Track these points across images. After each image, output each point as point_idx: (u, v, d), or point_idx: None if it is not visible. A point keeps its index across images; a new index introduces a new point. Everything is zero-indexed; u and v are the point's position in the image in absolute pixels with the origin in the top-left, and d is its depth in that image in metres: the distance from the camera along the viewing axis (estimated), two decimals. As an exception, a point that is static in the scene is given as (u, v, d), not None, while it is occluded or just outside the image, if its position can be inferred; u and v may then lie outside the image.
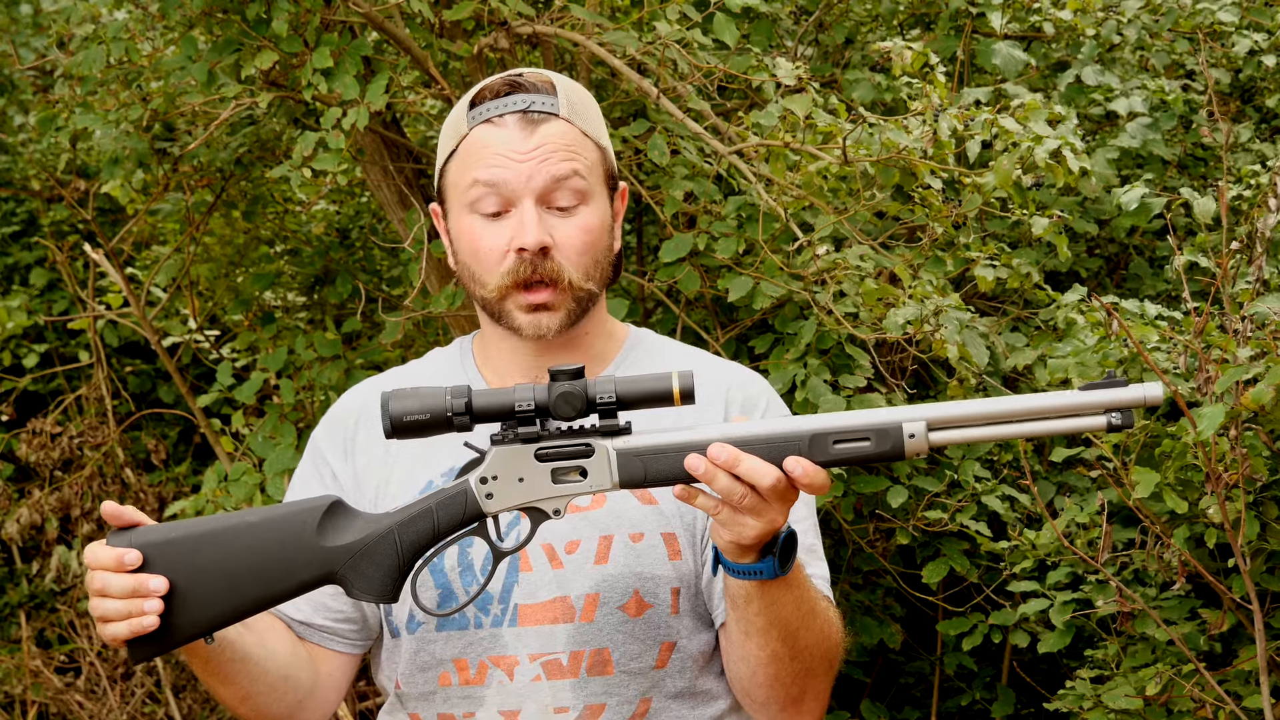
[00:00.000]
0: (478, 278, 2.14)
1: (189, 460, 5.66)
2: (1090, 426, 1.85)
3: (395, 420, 1.93)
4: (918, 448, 1.88)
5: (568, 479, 1.94)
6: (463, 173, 2.14)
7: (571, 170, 2.11)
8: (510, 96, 2.13)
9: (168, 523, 2.00)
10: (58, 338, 5.89)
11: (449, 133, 2.18)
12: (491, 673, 2.10)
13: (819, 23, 4.50)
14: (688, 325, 4.13)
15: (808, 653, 2.07)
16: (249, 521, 1.99)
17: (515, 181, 2.10)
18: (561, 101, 2.14)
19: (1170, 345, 3.58)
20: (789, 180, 3.70)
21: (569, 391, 1.91)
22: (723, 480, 1.88)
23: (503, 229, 2.11)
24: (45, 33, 5.41)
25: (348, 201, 5.33)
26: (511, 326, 2.14)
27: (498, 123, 2.12)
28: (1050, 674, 4.53)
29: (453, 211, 2.17)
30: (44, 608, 5.65)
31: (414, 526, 1.97)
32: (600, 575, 2.10)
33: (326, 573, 1.98)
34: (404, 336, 4.37)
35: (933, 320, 3.62)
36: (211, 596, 1.96)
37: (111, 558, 1.95)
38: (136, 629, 1.94)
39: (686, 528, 2.13)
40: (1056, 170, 3.66)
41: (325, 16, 3.84)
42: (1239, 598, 3.62)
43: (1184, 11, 4.50)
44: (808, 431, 1.89)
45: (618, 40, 3.80)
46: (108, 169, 4.42)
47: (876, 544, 4.20)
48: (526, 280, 2.11)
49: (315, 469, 2.23)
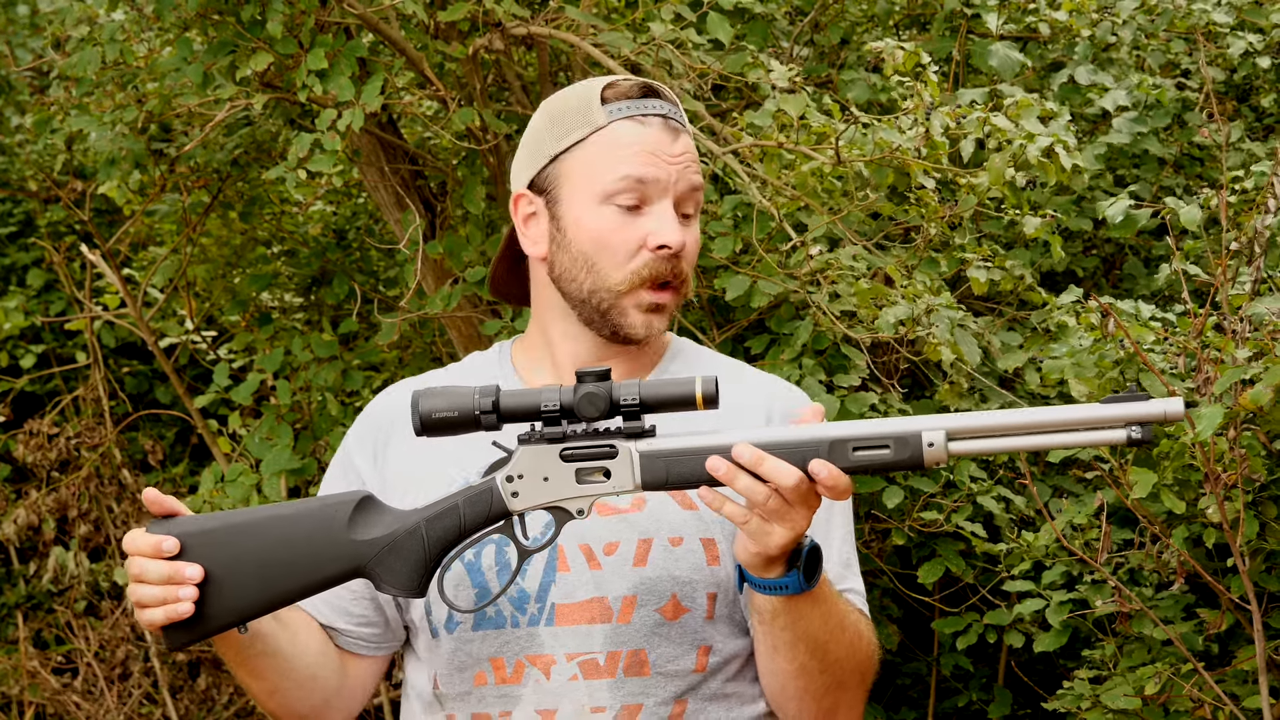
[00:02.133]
0: (598, 269, 2.13)
1: (186, 461, 5.66)
2: (1110, 440, 1.86)
3: (424, 418, 1.96)
4: (937, 457, 1.89)
5: (592, 479, 1.97)
6: (601, 163, 2.12)
7: (701, 184, 2.16)
8: (649, 100, 2.14)
9: (205, 514, 2.05)
10: (55, 338, 5.89)
11: (573, 120, 2.15)
12: (528, 672, 2.11)
13: (814, 23, 4.50)
14: (684, 326, 4.12)
15: (838, 666, 2.08)
16: (283, 514, 2.04)
17: (664, 180, 2.12)
18: (685, 117, 2.19)
19: (1167, 346, 3.58)
20: (783, 180, 3.69)
21: (593, 393, 1.93)
22: (744, 480, 1.89)
23: (638, 224, 2.12)
24: (42, 33, 5.40)
25: (344, 202, 5.33)
26: (619, 323, 2.14)
27: (643, 121, 2.13)
28: (1046, 674, 4.52)
29: (573, 199, 2.14)
30: (41, 608, 5.65)
31: (441, 523, 2.00)
32: (638, 577, 2.11)
33: (356, 566, 2.02)
34: (400, 338, 4.37)
35: (925, 320, 3.62)
36: (245, 586, 2.01)
37: (150, 544, 1.99)
38: (172, 615, 1.98)
39: (727, 534, 2.13)
40: (1049, 168, 3.65)
41: (320, 18, 3.84)
42: (1237, 598, 3.62)
43: (1179, 12, 4.50)
44: (828, 438, 1.90)
45: (612, 41, 3.80)
46: (104, 170, 4.42)
47: (872, 544, 4.20)
48: (662, 278, 2.12)
49: (343, 471, 2.25)
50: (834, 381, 3.80)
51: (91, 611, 5.59)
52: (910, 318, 3.62)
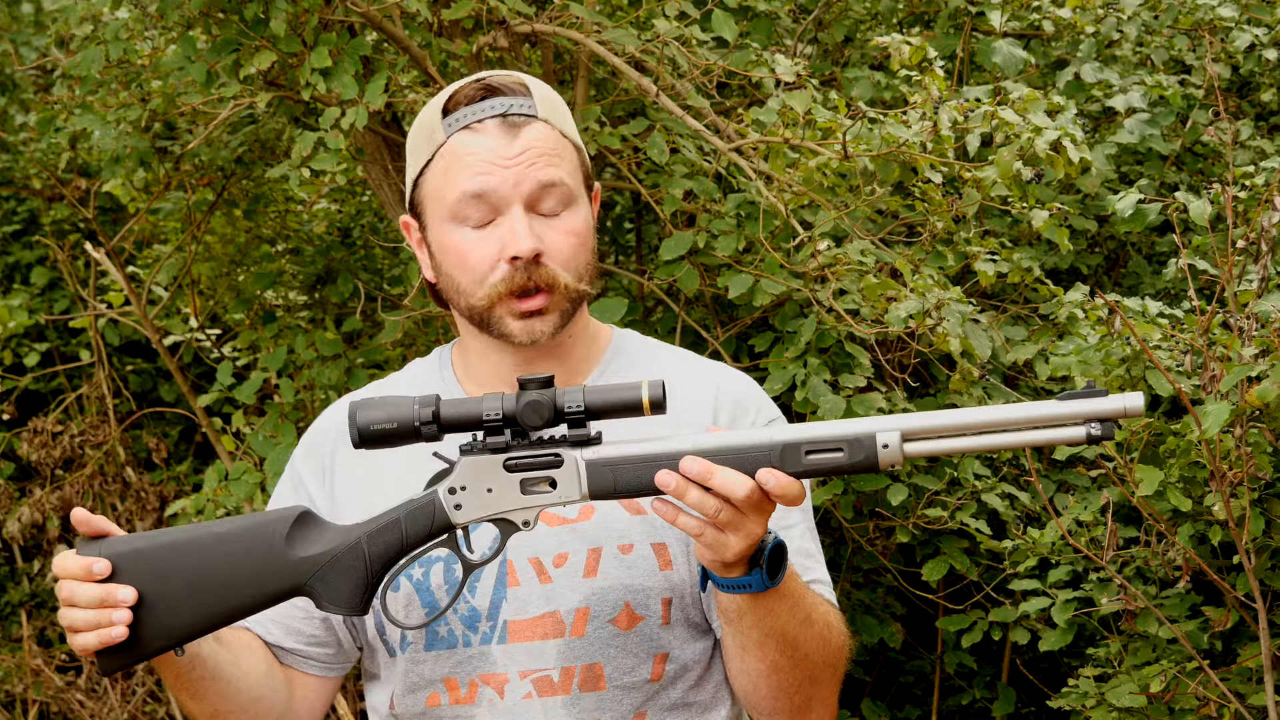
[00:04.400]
0: (463, 289, 2.07)
1: (190, 459, 5.66)
2: (1069, 438, 1.81)
3: (363, 430, 1.90)
4: (892, 458, 1.84)
5: (537, 489, 1.91)
6: (445, 184, 2.06)
7: (558, 176, 2.06)
8: (486, 101, 2.06)
9: (136, 533, 1.97)
10: (59, 336, 5.89)
11: (421, 142, 2.09)
12: (482, 691, 2.07)
13: (818, 21, 4.49)
14: (687, 324, 4.12)
15: (809, 660, 2.04)
16: (217, 532, 1.96)
17: (503, 189, 2.04)
18: (538, 102, 2.08)
19: (1173, 343, 3.58)
20: (789, 177, 3.69)
21: (536, 401, 1.88)
22: (695, 494, 1.84)
23: (491, 238, 2.05)
24: (46, 32, 5.41)
25: (349, 200, 5.33)
26: (503, 333, 2.08)
27: (477, 129, 2.05)
28: (1051, 672, 4.52)
29: (433, 224, 2.09)
30: (45, 606, 5.65)
31: (382, 538, 1.94)
32: (590, 588, 2.06)
33: (295, 584, 1.95)
34: (404, 335, 4.37)
35: (935, 314, 3.61)
36: (181, 607, 1.93)
37: (80, 567, 1.92)
38: (105, 639, 1.91)
39: (679, 536, 2.09)
40: (1057, 161, 3.64)
41: (324, 16, 3.84)
42: (1242, 595, 3.62)
43: (1184, 8, 4.49)
44: (779, 442, 1.85)
45: (617, 38, 3.79)
46: (109, 168, 4.42)
47: (876, 542, 4.19)
48: (521, 288, 2.05)
49: (294, 490, 2.19)
50: (839, 381, 3.79)
51: (95, 610, 5.58)
52: (920, 312, 3.60)
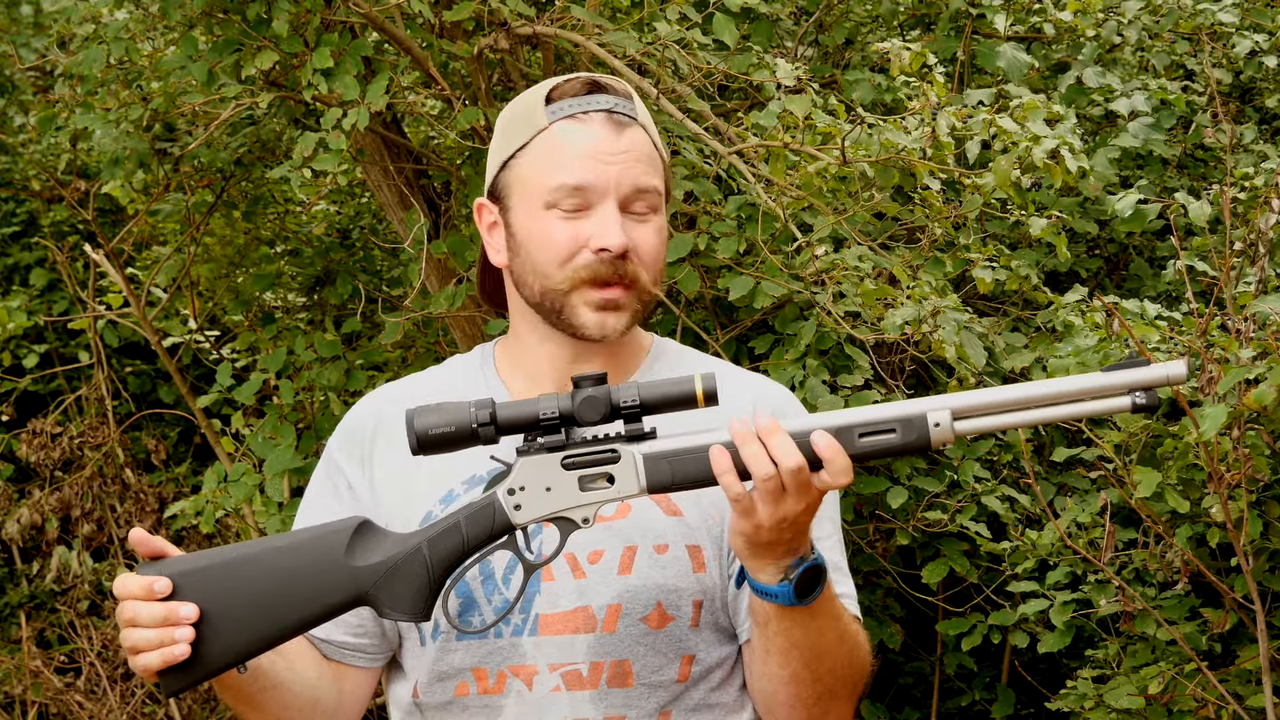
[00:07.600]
0: (542, 270, 2.08)
1: (189, 460, 5.66)
2: (1115, 408, 1.84)
3: (421, 435, 1.91)
4: (944, 437, 1.87)
5: (595, 486, 1.93)
6: (544, 168, 2.08)
7: (653, 184, 2.10)
8: (592, 95, 2.10)
9: (196, 552, 1.98)
10: (58, 338, 5.90)
11: (519, 125, 2.12)
12: (510, 682, 2.08)
13: (819, 23, 4.50)
14: (688, 326, 4.13)
15: (830, 676, 2.05)
16: (278, 546, 1.96)
17: (603, 183, 2.06)
18: (639, 109, 2.13)
19: (1171, 345, 3.59)
20: (788, 181, 3.70)
21: (593, 397, 1.90)
22: (753, 447, 1.86)
23: (579, 226, 2.07)
24: (46, 32, 5.41)
25: (348, 202, 5.33)
26: (573, 323, 2.09)
27: (583, 119, 2.09)
28: (1050, 674, 4.53)
29: (522, 206, 2.11)
30: (44, 608, 5.65)
31: (443, 542, 1.94)
32: (623, 586, 2.07)
33: (357, 594, 1.95)
34: (404, 337, 4.37)
35: (931, 321, 3.62)
36: (243, 623, 1.93)
37: (141, 586, 1.92)
38: (168, 658, 1.91)
39: (713, 540, 2.10)
40: (1055, 170, 3.65)
41: (325, 17, 3.84)
42: (1241, 597, 3.63)
43: (1185, 13, 4.50)
44: (833, 426, 1.89)
45: (618, 41, 3.80)
46: (108, 169, 4.42)
47: (876, 544, 4.20)
48: (603, 279, 2.07)
49: (330, 479, 2.19)
50: (838, 382, 3.80)
51: (94, 611, 5.59)
52: (916, 319, 3.62)
